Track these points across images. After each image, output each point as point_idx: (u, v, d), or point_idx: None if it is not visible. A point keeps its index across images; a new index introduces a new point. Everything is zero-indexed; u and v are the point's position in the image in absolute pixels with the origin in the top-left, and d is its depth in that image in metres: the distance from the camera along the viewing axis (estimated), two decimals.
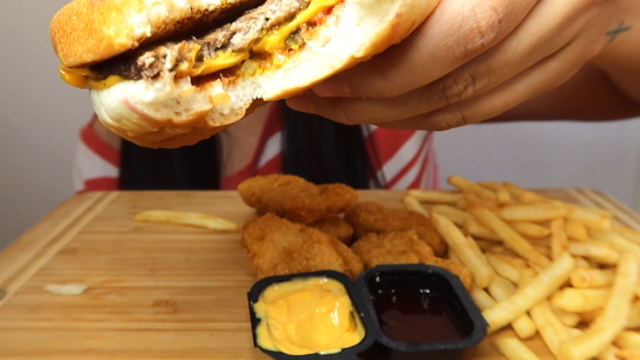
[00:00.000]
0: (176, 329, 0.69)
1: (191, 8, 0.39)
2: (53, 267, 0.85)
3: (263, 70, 0.42)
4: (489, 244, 0.85)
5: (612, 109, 1.19)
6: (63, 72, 0.42)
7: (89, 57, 0.38)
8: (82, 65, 0.40)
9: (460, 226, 0.88)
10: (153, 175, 1.30)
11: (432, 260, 0.76)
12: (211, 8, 0.40)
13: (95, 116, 1.36)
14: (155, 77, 0.37)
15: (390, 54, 0.41)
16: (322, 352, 0.56)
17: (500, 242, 0.83)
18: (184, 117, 0.39)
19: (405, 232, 0.82)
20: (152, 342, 0.66)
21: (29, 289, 0.79)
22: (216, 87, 0.41)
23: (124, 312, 0.73)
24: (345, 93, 0.45)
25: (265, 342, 0.59)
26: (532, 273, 0.74)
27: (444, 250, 0.85)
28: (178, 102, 0.39)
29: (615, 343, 0.63)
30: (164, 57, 0.37)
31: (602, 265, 0.76)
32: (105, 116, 0.40)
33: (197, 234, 0.98)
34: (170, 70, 0.38)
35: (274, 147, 1.30)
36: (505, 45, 0.43)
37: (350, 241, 0.88)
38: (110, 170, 1.36)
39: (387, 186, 1.34)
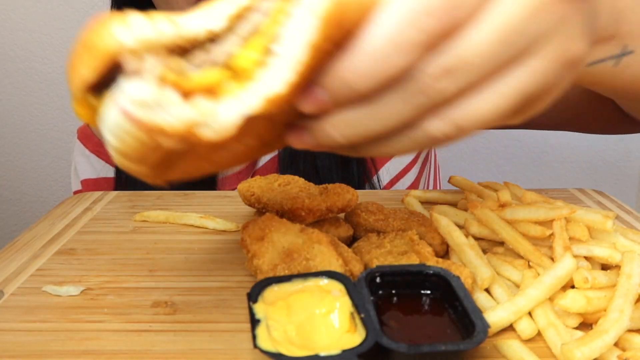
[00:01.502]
0: (175, 329, 0.69)
1: (178, 36, 0.44)
2: (51, 268, 0.85)
3: (242, 85, 0.45)
4: (490, 245, 0.85)
5: (614, 124, 1.19)
6: (75, 106, 0.47)
7: (86, 73, 0.43)
8: (86, 90, 0.44)
9: (461, 226, 0.87)
10: None
11: (432, 261, 0.75)
12: (199, 37, 0.45)
13: None
14: (140, 77, 0.42)
15: (347, 42, 0.44)
16: (322, 354, 0.56)
17: (501, 243, 0.82)
18: (174, 123, 0.43)
19: (405, 233, 0.82)
20: (151, 343, 0.66)
21: (26, 290, 0.78)
22: (201, 101, 0.44)
23: (123, 313, 0.72)
24: (323, 101, 0.47)
25: (264, 343, 0.58)
26: (533, 274, 0.73)
27: (444, 250, 0.84)
28: (165, 107, 0.43)
29: (618, 344, 0.62)
30: (148, 61, 0.42)
31: (605, 266, 0.75)
32: (109, 135, 0.45)
33: (196, 234, 0.97)
34: (155, 73, 0.42)
35: None
36: (471, 33, 0.43)
37: (350, 241, 0.87)
38: (107, 170, 1.36)
39: (385, 187, 1.33)
